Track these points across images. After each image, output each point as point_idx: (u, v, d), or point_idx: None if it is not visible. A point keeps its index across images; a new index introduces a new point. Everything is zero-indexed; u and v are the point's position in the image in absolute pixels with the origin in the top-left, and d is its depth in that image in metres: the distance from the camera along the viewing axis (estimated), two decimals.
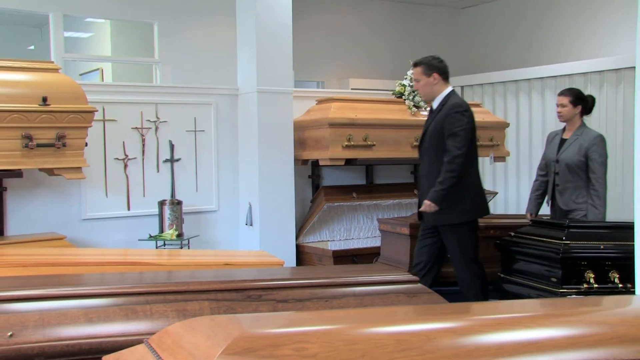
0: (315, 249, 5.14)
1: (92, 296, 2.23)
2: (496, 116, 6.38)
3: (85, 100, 4.11)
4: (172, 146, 4.99)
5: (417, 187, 5.28)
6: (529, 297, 3.76)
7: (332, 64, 8.27)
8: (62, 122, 4.00)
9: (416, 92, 5.16)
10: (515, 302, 2.75)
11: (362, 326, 1.52)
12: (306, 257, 5.18)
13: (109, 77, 8.02)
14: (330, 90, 7.33)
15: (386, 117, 5.24)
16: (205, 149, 5.13)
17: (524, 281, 3.91)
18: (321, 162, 5.16)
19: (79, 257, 3.45)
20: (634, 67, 2.61)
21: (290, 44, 5.11)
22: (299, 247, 5.24)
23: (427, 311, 1.95)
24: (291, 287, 2.45)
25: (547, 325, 1.56)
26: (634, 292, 2.42)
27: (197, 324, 1.52)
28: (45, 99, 3.94)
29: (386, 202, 5.72)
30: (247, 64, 5.12)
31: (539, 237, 3.87)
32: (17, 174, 4.07)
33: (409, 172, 6.15)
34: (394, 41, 8.25)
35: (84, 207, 4.66)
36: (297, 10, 5.23)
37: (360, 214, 5.59)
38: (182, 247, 4.72)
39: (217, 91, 5.22)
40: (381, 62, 7.94)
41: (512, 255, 4.07)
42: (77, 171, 4.14)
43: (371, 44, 8.13)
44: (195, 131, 5.08)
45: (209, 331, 1.43)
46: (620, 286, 3.58)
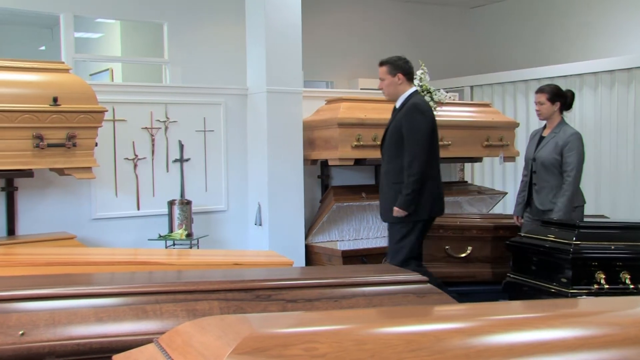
0: (324, 249, 5.14)
1: (102, 295, 2.24)
2: (506, 116, 6.36)
3: (95, 100, 4.12)
4: (182, 146, 5.00)
5: None
6: (539, 297, 3.75)
7: (341, 64, 8.28)
8: (73, 122, 4.02)
9: (425, 91, 5.15)
10: (525, 302, 2.74)
11: (371, 326, 1.52)
12: (315, 257, 5.18)
13: (118, 78, 8.06)
14: (339, 90, 7.34)
15: None
16: (214, 149, 5.14)
17: (534, 282, 3.90)
18: (330, 162, 5.15)
19: (89, 257, 3.46)
20: None
21: (299, 44, 5.10)
22: (308, 247, 5.24)
23: (436, 311, 1.95)
24: (300, 287, 2.45)
25: (558, 326, 1.55)
26: None
27: (206, 324, 1.52)
28: (55, 99, 3.96)
29: None
30: (257, 64, 5.12)
31: (549, 237, 3.85)
32: (28, 174, 4.10)
33: None
34: (403, 41, 8.25)
35: (94, 207, 4.68)
36: (306, 10, 5.23)
37: (369, 214, 5.58)
38: (191, 247, 4.73)
39: (226, 91, 5.22)
40: None
41: (522, 255, 4.05)
42: (87, 171, 4.15)
43: (380, 44, 8.12)
44: (204, 131, 5.09)
45: (219, 331, 1.43)
46: (631, 287, 3.55)
